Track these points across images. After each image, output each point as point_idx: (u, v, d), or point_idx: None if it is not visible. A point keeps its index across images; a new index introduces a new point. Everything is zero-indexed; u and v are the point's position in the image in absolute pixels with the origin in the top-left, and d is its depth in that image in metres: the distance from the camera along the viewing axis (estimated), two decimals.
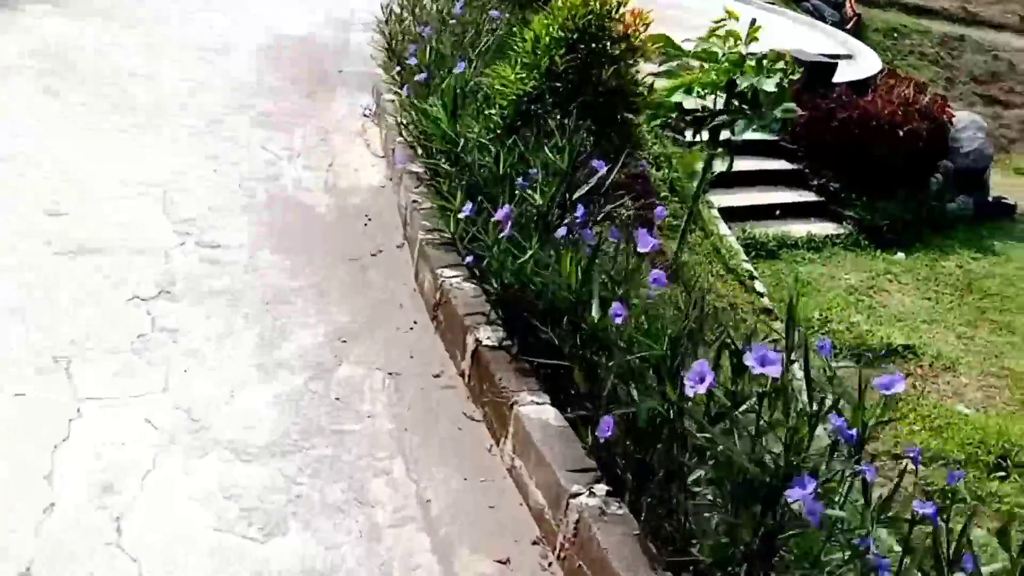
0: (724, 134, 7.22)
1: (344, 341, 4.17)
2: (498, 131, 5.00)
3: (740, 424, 2.78)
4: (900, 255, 11.91)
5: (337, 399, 3.79)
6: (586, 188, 4.30)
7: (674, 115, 7.49)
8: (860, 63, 14.40)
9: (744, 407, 2.83)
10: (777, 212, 11.68)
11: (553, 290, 3.63)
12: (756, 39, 7.22)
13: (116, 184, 5.24)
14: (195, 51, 7.85)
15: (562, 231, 3.89)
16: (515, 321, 3.97)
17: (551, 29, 4.98)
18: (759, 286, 9.22)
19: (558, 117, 4.83)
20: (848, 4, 30.80)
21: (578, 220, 3.97)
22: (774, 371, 2.59)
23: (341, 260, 4.88)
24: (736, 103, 7.27)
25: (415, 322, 4.43)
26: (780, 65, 7.11)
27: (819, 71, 12.35)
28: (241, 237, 4.89)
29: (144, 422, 3.43)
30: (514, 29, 8.87)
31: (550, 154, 4.32)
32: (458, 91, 4.89)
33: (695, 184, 9.97)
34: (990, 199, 13.99)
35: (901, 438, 8.33)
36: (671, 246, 8.16)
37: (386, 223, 5.37)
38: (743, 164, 9.91)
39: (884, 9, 31.69)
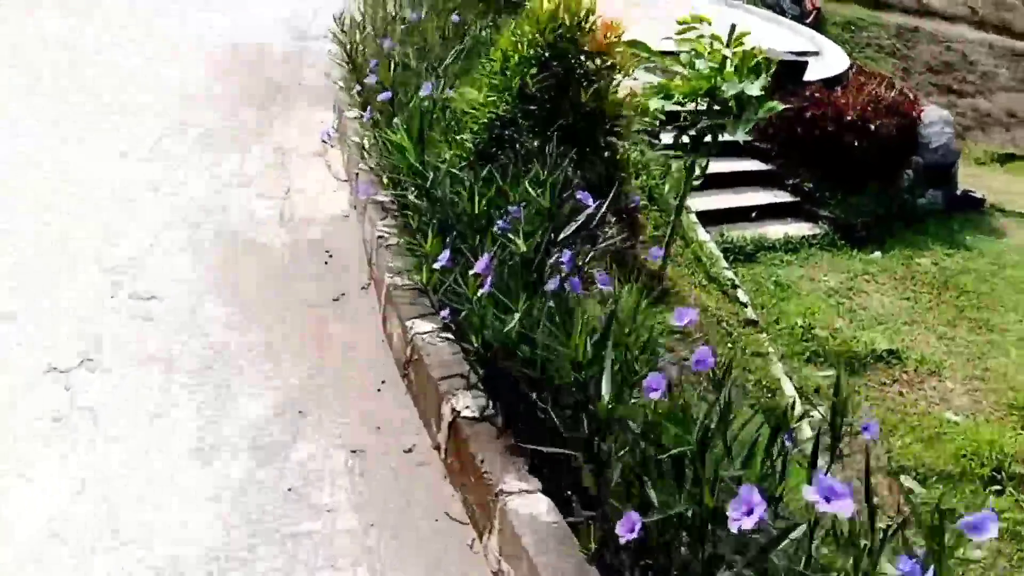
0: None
1: (300, 412, 3.44)
2: (471, 158, 4.29)
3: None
4: (876, 254, 11.37)
5: (290, 490, 3.07)
6: (574, 226, 3.61)
7: (654, 123, 6.87)
8: (828, 60, 13.82)
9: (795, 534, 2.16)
10: (753, 214, 11.08)
11: (550, 358, 2.93)
12: (742, 44, 6.56)
13: (38, 224, 4.46)
14: (138, 59, 7.03)
15: (553, 283, 3.19)
16: (500, 384, 3.27)
17: (520, 47, 4.27)
18: (742, 295, 8.59)
19: (535, 143, 4.13)
20: None
21: (563, 265, 3.29)
22: (844, 509, 1.90)
23: (298, 308, 4.13)
24: (718, 108, 6.65)
25: (383, 381, 3.71)
26: (762, 66, 6.47)
27: (790, 70, 11.75)
28: (181, 285, 4.12)
29: (50, 537, 2.70)
30: (483, 34, 8.19)
31: (531, 190, 3.61)
32: (425, 116, 4.16)
33: (668, 187, 9.37)
34: (958, 193, 13.54)
35: (894, 451, 7.77)
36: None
37: (349, 260, 4.64)
38: (717, 166, 9.27)
39: (842, 2, 31.22)
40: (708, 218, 10.19)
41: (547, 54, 4.21)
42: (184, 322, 3.84)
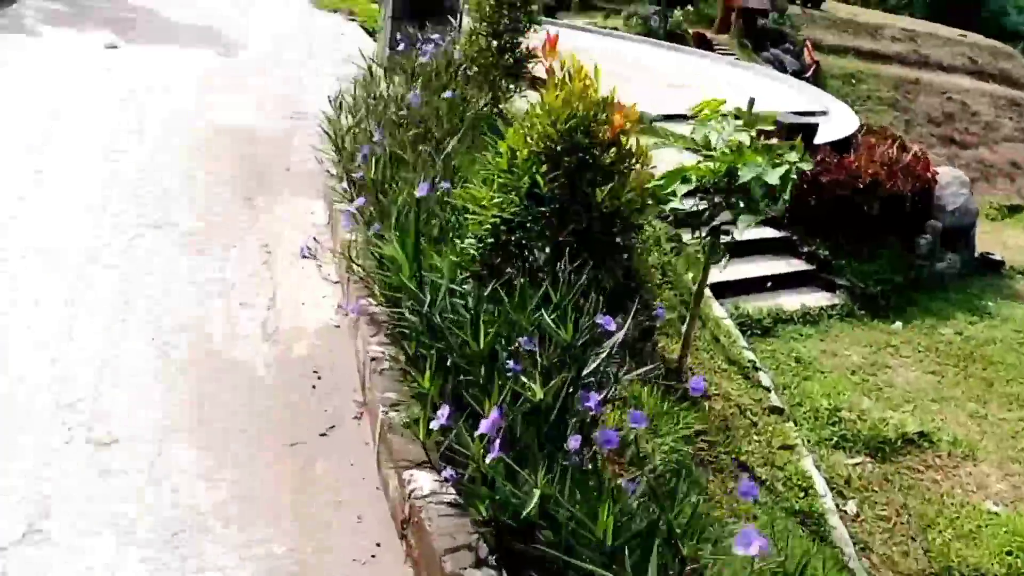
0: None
1: None
2: (473, 269, 3.82)
3: None
4: (897, 324, 10.89)
5: None
6: (596, 361, 3.12)
7: (668, 208, 6.42)
8: (837, 120, 13.48)
9: None
10: (768, 284, 10.62)
11: (578, 540, 2.42)
12: (757, 124, 6.14)
13: None
14: (110, 147, 6.59)
15: (575, 442, 2.69)
16: (517, 559, 2.75)
17: (529, 140, 3.81)
18: (764, 379, 8.07)
19: (546, 250, 3.66)
20: (806, 52, 30.26)
21: (588, 408, 2.81)
22: None
23: (281, 448, 3.61)
24: (738, 191, 6.22)
25: (378, 544, 3.18)
26: (790, 156, 6.05)
27: (800, 133, 11.36)
28: (147, 425, 3.61)
29: None
30: (484, 109, 7.78)
31: (546, 316, 3.12)
32: (420, 224, 3.69)
33: (681, 264, 8.91)
34: (977, 255, 13.12)
35: (934, 550, 7.20)
36: (669, 344, 7.03)
37: (340, 380, 4.13)
38: None
39: (840, 56, 31.18)
40: (722, 289, 9.74)
41: (559, 148, 3.75)
42: (147, 474, 3.32)
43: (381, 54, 10.52)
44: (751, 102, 6.11)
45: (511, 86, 8.14)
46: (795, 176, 5.97)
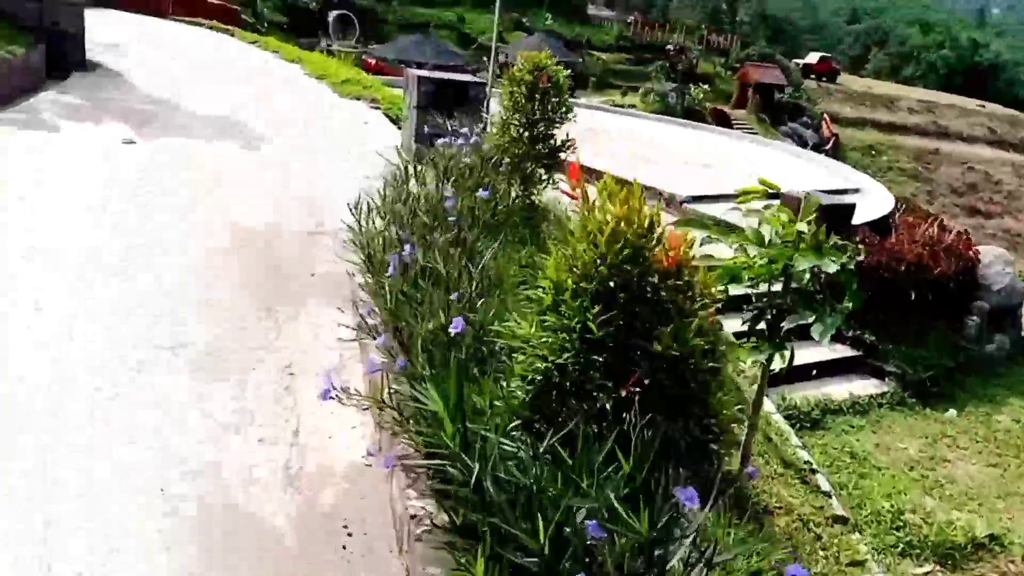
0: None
1: None
2: (524, 415, 3.24)
3: None
4: (951, 412, 10.20)
5: None
6: (679, 552, 2.52)
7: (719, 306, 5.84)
8: (870, 198, 12.95)
9: None
10: (814, 372, 9.97)
11: None
12: (813, 218, 5.60)
13: None
14: (122, 257, 6.11)
15: None
16: None
17: (575, 272, 3.25)
18: (823, 482, 7.39)
19: (606, 403, 3.08)
20: (824, 125, 29.96)
21: None
22: None
23: None
24: (794, 289, 5.69)
25: None
26: (848, 251, 5.55)
27: (837, 214, 10.83)
28: None
29: None
30: (515, 203, 7.29)
31: (617, 503, 2.53)
32: (462, 370, 3.13)
33: (732, 368, 8.30)
34: None
35: None
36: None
37: (374, 537, 3.53)
38: None
39: (859, 128, 30.87)
40: (768, 380, 9.10)
41: (610, 283, 3.19)
42: None
43: (407, 144, 10.13)
44: (805, 196, 5.58)
45: (544, 176, 7.70)
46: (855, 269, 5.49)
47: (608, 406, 3.08)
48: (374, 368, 3.80)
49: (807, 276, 5.51)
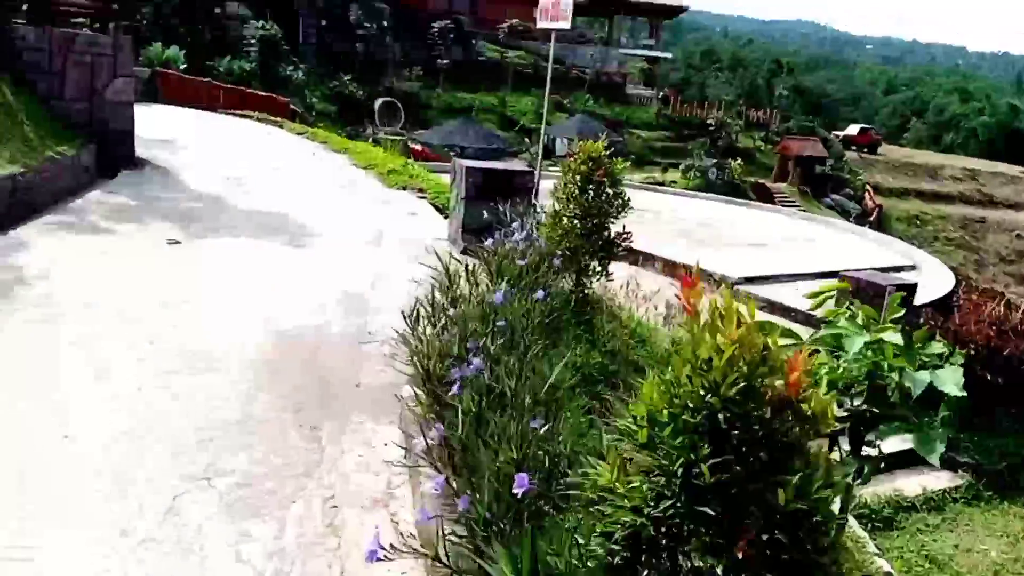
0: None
1: None
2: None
3: None
4: None
5: None
6: None
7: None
8: (928, 275, 12.30)
9: None
10: (882, 464, 9.22)
11: None
12: (900, 321, 5.04)
13: None
14: (156, 370, 5.71)
15: None
16: None
17: (675, 400, 2.73)
18: None
19: (718, 569, 2.54)
20: (867, 197, 29.28)
21: None
22: None
23: None
24: (883, 397, 5.09)
25: None
26: (933, 347, 4.94)
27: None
28: None
29: None
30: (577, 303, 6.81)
31: None
32: (534, 529, 2.63)
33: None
34: None
35: None
36: None
37: None
38: None
39: (901, 198, 30.16)
40: None
41: (723, 417, 2.66)
42: None
43: (454, 237, 9.79)
44: (896, 297, 5.02)
45: (598, 268, 7.24)
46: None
47: (719, 571, 2.54)
48: (428, 516, 3.29)
49: (893, 384, 4.92)
